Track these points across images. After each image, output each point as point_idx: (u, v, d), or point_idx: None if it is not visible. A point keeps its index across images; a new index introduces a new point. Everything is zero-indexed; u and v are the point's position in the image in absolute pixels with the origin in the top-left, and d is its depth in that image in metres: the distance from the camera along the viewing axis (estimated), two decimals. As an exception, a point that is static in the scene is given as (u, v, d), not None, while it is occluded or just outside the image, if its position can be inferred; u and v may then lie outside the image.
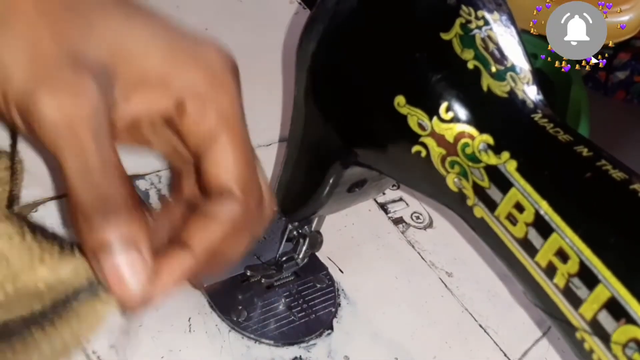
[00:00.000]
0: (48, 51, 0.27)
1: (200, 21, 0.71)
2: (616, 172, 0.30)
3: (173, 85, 0.29)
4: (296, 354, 0.46)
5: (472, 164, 0.32)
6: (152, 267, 0.28)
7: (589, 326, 0.29)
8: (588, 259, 0.28)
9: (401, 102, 0.33)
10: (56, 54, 0.27)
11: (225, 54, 0.31)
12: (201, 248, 0.29)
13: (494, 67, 0.33)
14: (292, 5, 0.77)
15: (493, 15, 0.34)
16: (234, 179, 0.30)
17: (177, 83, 0.29)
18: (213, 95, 0.30)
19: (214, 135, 0.30)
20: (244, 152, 0.30)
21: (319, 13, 0.37)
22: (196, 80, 0.29)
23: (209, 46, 0.31)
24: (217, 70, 0.30)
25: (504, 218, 0.31)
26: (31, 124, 0.27)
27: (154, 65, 0.29)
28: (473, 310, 0.55)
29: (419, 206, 0.62)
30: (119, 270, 0.27)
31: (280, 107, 0.64)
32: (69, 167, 0.27)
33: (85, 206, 0.27)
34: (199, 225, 0.30)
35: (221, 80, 0.30)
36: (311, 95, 0.39)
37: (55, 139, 0.27)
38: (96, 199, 0.27)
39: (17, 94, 0.27)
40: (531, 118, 0.33)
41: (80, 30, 0.28)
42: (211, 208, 0.30)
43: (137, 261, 0.27)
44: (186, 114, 0.29)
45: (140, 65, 0.29)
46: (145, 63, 0.29)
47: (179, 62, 0.30)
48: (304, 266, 0.50)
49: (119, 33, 0.29)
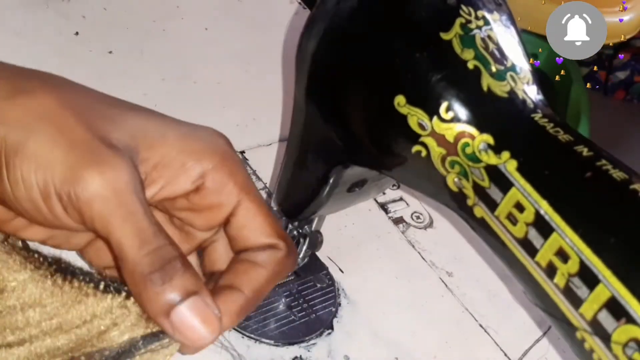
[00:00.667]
0: (81, 137, 0.30)
1: (200, 21, 0.71)
2: (616, 171, 0.30)
3: (193, 168, 0.33)
4: (296, 354, 0.46)
5: (472, 164, 0.32)
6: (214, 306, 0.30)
7: (589, 326, 0.28)
8: (588, 259, 0.28)
9: (401, 102, 0.33)
10: (89, 139, 0.30)
11: (222, 134, 0.35)
12: (250, 290, 0.33)
13: (494, 67, 0.33)
14: (292, 5, 0.77)
15: (493, 15, 0.34)
16: (271, 233, 0.34)
17: (196, 165, 0.33)
18: (228, 171, 0.34)
19: (238, 201, 0.34)
20: (267, 209, 0.35)
21: (319, 13, 0.37)
22: (213, 159, 0.33)
23: (210, 130, 0.35)
24: (225, 149, 0.34)
25: (504, 218, 0.31)
26: (79, 208, 0.29)
27: (171, 150, 0.33)
28: (473, 310, 0.55)
29: (419, 206, 0.62)
30: (190, 322, 0.29)
31: (280, 107, 0.64)
32: (123, 235, 0.29)
33: (143, 270, 0.29)
34: (248, 271, 0.33)
35: (231, 156, 0.34)
36: (311, 95, 0.39)
37: (105, 212, 0.29)
38: (154, 260, 0.29)
39: (61, 182, 0.29)
40: (531, 118, 0.33)
41: (104, 121, 0.31)
42: (258, 257, 0.34)
43: (203, 308, 0.30)
44: (204, 190, 0.33)
45: (160, 151, 0.32)
46: (163, 149, 0.32)
47: (194, 146, 0.33)
48: (304, 266, 0.50)
49: (138, 125, 0.32)
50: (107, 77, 0.59)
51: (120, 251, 0.29)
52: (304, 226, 0.47)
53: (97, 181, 0.29)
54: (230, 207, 0.34)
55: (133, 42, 0.65)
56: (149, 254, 0.29)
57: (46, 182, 0.29)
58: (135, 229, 0.29)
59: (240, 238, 0.34)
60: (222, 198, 0.34)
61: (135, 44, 0.65)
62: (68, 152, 0.29)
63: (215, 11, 0.73)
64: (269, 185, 0.57)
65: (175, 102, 0.60)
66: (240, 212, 0.34)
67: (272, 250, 0.34)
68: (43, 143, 0.29)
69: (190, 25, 0.71)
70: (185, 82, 0.64)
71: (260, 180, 0.57)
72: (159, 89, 0.61)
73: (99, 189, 0.29)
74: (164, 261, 0.29)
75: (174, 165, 0.33)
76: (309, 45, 0.38)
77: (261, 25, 0.74)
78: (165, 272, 0.29)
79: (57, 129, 0.30)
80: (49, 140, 0.29)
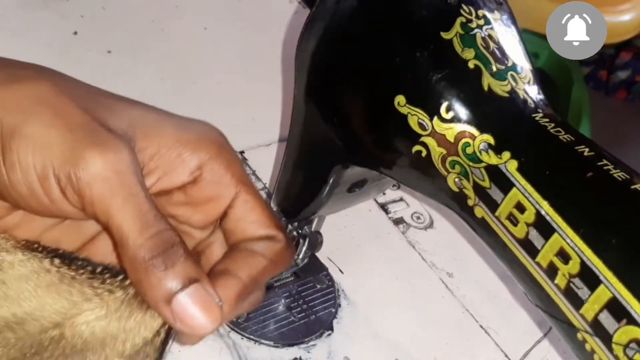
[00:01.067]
0: (79, 120, 0.29)
1: (199, 21, 0.71)
2: (617, 172, 0.30)
3: (190, 159, 0.33)
4: (296, 355, 0.46)
5: (473, 164, 0.32)
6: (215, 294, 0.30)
7: (590, 327, 0.28)
8: (589, 260, 0.28)
9: (401, 102, 0.33)
10: (88, 121, 0.30)
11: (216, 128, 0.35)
12: (247, 275, 0.32)
13: (494, 67, 0.33)
14: (291, 5, 0.77)
15: (494, 14, 0.34)
16: (269, 224, 0.34)
17: (193, 155, 0.33)
18: (225, 162, 0.33)
19: (235, 193, 0.33)
20: (264, 201, 0.34)
21: (319, 12, 0.37)
22: (210, 151, 0.33)
23: (204, 123, 0.35)
24: (221, 140, 0.34)
25: (505, 218, 0.31)
26: (79, 189, 0.28)
27: (167, 140, 0.32)
28: (474, 311, 0.55)
29: (419, 206, 0.61)
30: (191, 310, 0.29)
31: (280, 107, 0.64)
32: (124, 218, 0.29)
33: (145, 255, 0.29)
34: (245, 259, 0.32)
35: (226, 147, 0.34)
36: (311, 95, 0.38)
37: (106, 193, 0.28)
38: (156, 244, 0.29)
39: (60, 163, 0.28)
40: (532, 118, 0.33)
41: (101, 109, 0.31)
42: (256, 246, 0.33)
43: (205, 296, 0.29)
44: (202, 181, 0.33)
45: (157, 140, 0.32)
46: (160, 139, 0.32)
47: (191, 137, 0.33)
48: (304, 267, 0.49)
49: (135, 115, 0.32)
50: (106, 77, 0.59)
51: (120, 235, 0.29)
52: (304, 227, 0.47)
53: (98, 162, 0.28)
54: (228, 199, 0.33)
55: (132, 41, 0.65)
56: (151, 237, 0.29)
57: (44, 164, 0.28)
58: (136, 210, 0.29)
59: (238, 230, 0.34)
60: (220, 190, 0.33)
61: (134, 43, 0.65)
62: (67, 134, 0.29)
63: (215, 11, 0.73)
64: (268, 186, 0.57)
65: (175, 102, 0.60)
66: (238, 204, 0.33)
67: (271, 241, 0.33)
68: (41, 125, 0.29)
69: (190, 25, 0.70)
70: (185, 82, 0.64)
71: (260, 181, 0.57)
72: (158, 89, 0.61)
73: (100, 169, 0.28)
74: (166, 245, 0.29)
75: (170, 156, 0.32)
76: (309, 44, 0.38)
77: (261, 24, 0.74)
78: (167, 256, 0.29)
79: (55, 112, 0.29)
80: (46, 122, 0.29)
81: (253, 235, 0.33)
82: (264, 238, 0.33)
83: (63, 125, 0.29)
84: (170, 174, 0.32)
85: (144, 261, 0.28)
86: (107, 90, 0.33)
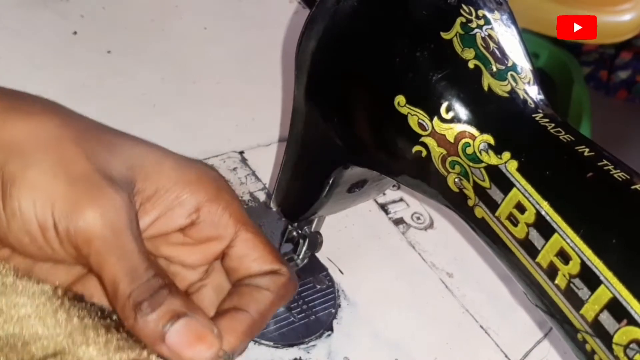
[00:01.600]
0: (81, 170, 0.30)
1: (199, 20, 0.71)
2: (618, 172, 0.30)
3: (187, 201, 0.33)
4: (296, 355, 0.46)
5: (473, 164, 0.32)
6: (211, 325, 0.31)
7: (591, 327, 0.28)
8: (589, 260, 0.28)
9: (401, 102, 0.33)
10: (90, 172, 0.30)
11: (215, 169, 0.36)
12: (256, 311, 0.33)
13: (494, 67, 0.33)
14: (291, 5, 0.77)
15: (494, 14, 0.34)
16: (272, 259, 0.35)
17: (191, 197, 0.33)
18: (224, 202, 0.34)
19: (234, 233, 0.34)
20: (265, 238, 0.35)
21: (319, 12, 0.37)
22: (208, 193, 0.34)
23: (203, 163, 0.35)
24: (220, 182, 0.35)
25: (505, 218, 0.31)
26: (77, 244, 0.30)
27: (166, 182, 0.33)
28: (474, 311, 0.55)
29: (419, 207, 0.61)
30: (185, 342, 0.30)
31: (280, 107, 0.64)
32: (117, 273, 0.30)
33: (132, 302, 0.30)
34: (252, 294, 0.34)
35: (225, 190, 0.35)
36: (311, 95, 0.38)
37: (102, 251, 0.30)
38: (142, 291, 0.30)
39: (60, 216, 0.29)
40: (532, 118, 0.32)
41: (103, 149, 0.32)
42: (261, 281, 0.34)
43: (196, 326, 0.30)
44: (200, 223, 0.34)
45: (156, 182, 0.33)
46: (159, 181, 0.33)
47: (190, 177, 0.34)
48: (304, 267, 0.49)
49: (135, 155, 0.33)
50: (106, 77, 0.59)
51: (112, 287, 0.30)
52: (304, 227, 0.47)
53: (98, 220, 0.29)
54: (227, 240, 0.34)
55: (132, 41, 0.65)
56: (138, 287, 0.30)
57: (46, 216, 0.29)
58: (128, 267, 0.30)
59: (242, 268, 0.35)
60: (218, 230, 0.34)
61: (134, 43, 0.65)
62: (69, 186, 0.30)
63: (215, 10, 0.73)
64: (268, 186, 0.57)
65: (174, 102, 0.60)
66: (238, 244, 0.34)
67: (275, 275, 0.35)
68: (43, 174, 0.29)
69: (189, 25, 0.70)
70: (184, 81, 0.64)
71: (260, 181, 0.57)
72: (157, 89, 0.61)
73: (99, 227, 0.29)
74: (153, 290, 0.30)
75: (169, 198, 0.33)
76: (309, 44, 0.37)
77: (260, 24, 0.73)
78: (153, 299, 0.30)
79: (58, 159, 0.30)
80: (49, 171, 0.29)
81: (258, 271, 0.34)
82: (268, 273, 0.34)
83: (66, 175, 0.30)
84: (168, 215, 0.33)
85: (133, 308, 0.30)
86: (108, 126, 0.34)
